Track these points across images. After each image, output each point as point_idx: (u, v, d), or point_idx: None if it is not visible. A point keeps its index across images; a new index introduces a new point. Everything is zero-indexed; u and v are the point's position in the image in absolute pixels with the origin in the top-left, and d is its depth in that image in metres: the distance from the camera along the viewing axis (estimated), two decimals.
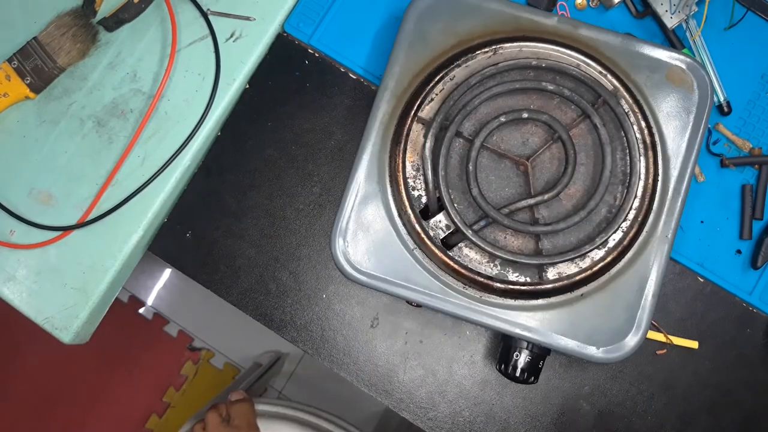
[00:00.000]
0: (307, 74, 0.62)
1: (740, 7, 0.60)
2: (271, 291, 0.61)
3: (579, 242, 0.51)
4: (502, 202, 0.53)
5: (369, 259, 0.52)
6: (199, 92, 0.61)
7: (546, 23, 0.54)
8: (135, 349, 1.52)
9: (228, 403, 0.77)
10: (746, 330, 0.58)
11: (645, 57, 0.53)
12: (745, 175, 0.59)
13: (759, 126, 0.60)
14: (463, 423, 0.59)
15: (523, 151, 0.53)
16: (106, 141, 0.61)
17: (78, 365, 1.50)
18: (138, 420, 1.49)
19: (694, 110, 0.53)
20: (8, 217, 0.60)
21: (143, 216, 0.60)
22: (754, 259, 0.57)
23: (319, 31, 0.62)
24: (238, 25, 0.62)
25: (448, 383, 0.59)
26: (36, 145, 0.61)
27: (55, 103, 0.62)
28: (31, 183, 0.61)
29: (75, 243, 0.60)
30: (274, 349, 1.47)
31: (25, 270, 0.60)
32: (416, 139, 0.53)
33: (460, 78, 0.53)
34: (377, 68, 0.62)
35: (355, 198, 0.53)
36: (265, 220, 0.61)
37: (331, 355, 0.60)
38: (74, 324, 0.59)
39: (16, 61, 0.60)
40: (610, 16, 0.61)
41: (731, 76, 0.60)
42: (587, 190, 0.52)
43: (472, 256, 0.52)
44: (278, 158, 0.62)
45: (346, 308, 0.60)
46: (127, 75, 0.62)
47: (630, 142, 0.51)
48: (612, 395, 0.58)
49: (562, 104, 0.53)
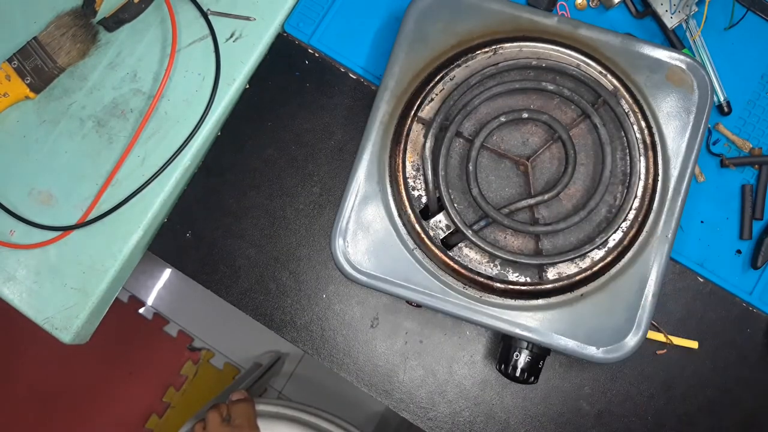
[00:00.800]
0: (307, 74, 0.62)
1: (740, 7, 0.60)
2: (271, 291, 0.61)
3: (579, 242, 0.51)
4: (502, 202, 0.53)
5: (369, 259, 0.52)
6: (199, 92, 0.61)
7: (546, 23, 0.54)
8: (135, 349, 1.52)
9: (229, 403, 0.77)
10: (746, 330, 0.58)
11: (645, 57, 0.53)
12: (745, 175, 0.59)
13: (759, 126, 0.60)
14: (463, 423, 0.59)
15: (523, 151, 0.53)
16: (106, 141, 0.61)
17: (78, 365, 1.50)
18: (138, 420, 1.49)
19: (694, 110, 0.53)
20: (8, 217, 0.60)
21: (143, 216, 0.60)
22: (754, 259, 0.57)
23: (319, 31, 0.62)
24: (238, 25, 0.62)
25: (448, 383, 0.59)
26: (36, 145, 0.61)
27: (55, 103, 0.62)
28: (31, 183, 0.61)
29: (75, 243, 0.60)
30: (274, 349, 1.47)
31: (25, 270, 0.60)
32: (416, 139, 0.53)
33: (460, 78, 0.53)
34: (377, 68, 0.62)
35: (355, 198, 0.53)
36: (265, 220, 0.61)
37: (331, 355, 0.60)
38: (74, 324, 0.59)
39: (16, 61, 0.60)
40: (610, 16, 0.61)
41: (731, 76, 0.60)
42: (587, 190, 0.52)
43: (472, 256, 0.52)
44: (278, 158, 0.62)
45: (346, 308, 0.60)
46: (127, 75, 0.62)
47: (630, 142, 0.51)
48: (612, 395, 0.58)
49: (562, 104, 0.53)
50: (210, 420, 0.73)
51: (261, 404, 0.84)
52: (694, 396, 0.58)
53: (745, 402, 0.58)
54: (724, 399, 0.58)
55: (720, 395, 0.58)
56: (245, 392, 0.79)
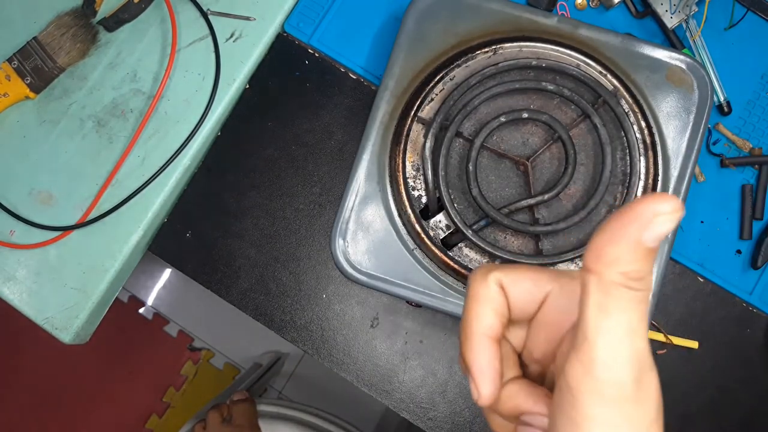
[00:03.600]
0: (307, 74, 0.62)
1: (740, 7, 0.60)
2: (271, 291, 0.61)
3: (579, 242, 0.51)
4: (502, 202, 0.53)
5: (369, 259, 0.52)
6: (199, 92, 0.61)
7: (546, 23, 0.54)
8: (135, 349, 1.52)
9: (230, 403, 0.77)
10: (746, 330, 0.58)
11: (645, 57, 0.53)
12: (745, 175, 0.59)
13: (759, 126, 0.60)
14: (463, 423, 0.59)
15: (523, 151, 0.53)
16: (106, 141, 0.61)
17: (78, 365, 1.50)
18: (138, 420, 1.49)
19: (694, 110, 0.53)
20: (8, 217, 0.60)
21: (143, 216, 0.60)
22: (754, 259, 0.57)
23: (319, 31, 0.62)
24: (238, 25, 0.62)
25: (448, 383, 0.59)
26: (36, 145, 0.61)
27: (55, 103, 0.62)
28: (31, 183, 0.61)
29: (75, 243, 0.60)
30: (274, 349, 1.47)
31: (25, 270, 0.60)
32: (416, 139, 0.53)
33: (460, 78, 0.53)
34: (377, 68, 0.62)
35: (355, 198, 0.53)
36: (265, 220, 0.61)
37: (331, 355, 0.60)
38: (74, 324, 0.59)
39: (16, 61, 0.60)
40: (610, 16, 0.61)
41: (731, 76, 0.60)
42: (587, 190, 0.52)
43: (472, 256, 0.52)
44: (278, 158, 0.62)
45: (346, 308, 0.60)
46: (127, 75, 0.62)
47: (630, 142, 0.51)
48: None
49: (562, 104, 0.53)
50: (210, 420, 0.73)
51: (261, 404, 0.84)
52: (694, 396, 0.58)
53: (745, 402, 0.58)
54: (724, 399, 0.58)
55: (720, 395, 0.58)
56: (246, 392, 0.79)
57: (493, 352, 0.24)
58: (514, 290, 0.25)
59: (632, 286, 0.20)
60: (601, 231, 0.20)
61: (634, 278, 0.19)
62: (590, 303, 0.20)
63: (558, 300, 0.25)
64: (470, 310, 0.25)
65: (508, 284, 0.25)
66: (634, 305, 0.20)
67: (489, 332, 0.24)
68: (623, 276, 0.19)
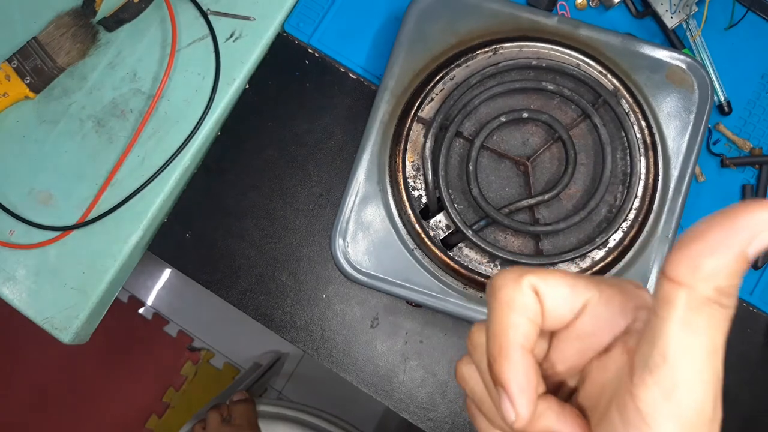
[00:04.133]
0: (307, 74, 0.62)
1: (740, 7, 0.60)
2: (271, 291, 0.61)
3: (579, 242, 0.51)
4: (502, 202, 0.52)
5: (369, 259, 0.52)
6: (199, 92, 0.61)
7: (546, 23, 0.54)
8: (135, 349, 1.52)
9: (229, 403, 0.77)
10: (746, 330, 0.58)
11: (645, 57, 0.53)
12: (746, 175, 0.59)
13: (759, 126, 0.60)
14: (463, 423, 0.59)
15: (523, 151, 0.53)
16: (106, 141, 0.61)
17: (78, 365, 1.50)
18: (138, 420, 1.49)
19: (694, 110, 0.53)
20: (8, 217, 0.60)
21: (143, 216, 0.60)
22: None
23: (319, 31, 0.62)
24: (238, 25, 0.62)
25: (448, 383, 0.59)
26: (36, 145, 0.61)
27: (54, 103, 0.62)
28: (31, 183, 0.61)
29: (75, 243, 0.60)
30: (274, 349, 1.47)
31: (24, 270, 0.60)
32: (416, 139, 0.53)
33: (460, 78, 0.53)
34: (377, 68, 0.61)
35: (355, 198, 0.53)
36: (265, 220, 0.61)
37: (331, 355, 0.60)
38: (74, 324, 0.59)
39: (16, 61, 0.60)
40: (610, 16, 0.61)
41: (731, 76, 0.60)
42: (587, 190, 0.52)
43: (472, 256, 0.52)
44: (278, 158, 0.62)
45: (346, 308, 0.60)
46: (127, 75, 0.62)
47: (630, 142, 0.51)
48: None
49: (562, 104, 0.53)
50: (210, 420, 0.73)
51: (261, 405, 0.84)
52: None
53: (745, 402, 0.58)
54: (724, 399, 0.57)
55: None
56: (246, 393, 0.79)
57: (531, 366, 0.22)
58: (550, 297, 0.22)
59: (724, 303, 0.18)
60: (694, 239, 0.18)
61: (727, 294, 0.18)
62: (674, 319, 0.18)
63: (598, 309, 0.22)
64: (504, 318, 0.22)
65: (544, 291, 0.22)
66: (721, 324, 0.18)
67: (526, 343, 0.22)
68: (717, 291, 0.18)
